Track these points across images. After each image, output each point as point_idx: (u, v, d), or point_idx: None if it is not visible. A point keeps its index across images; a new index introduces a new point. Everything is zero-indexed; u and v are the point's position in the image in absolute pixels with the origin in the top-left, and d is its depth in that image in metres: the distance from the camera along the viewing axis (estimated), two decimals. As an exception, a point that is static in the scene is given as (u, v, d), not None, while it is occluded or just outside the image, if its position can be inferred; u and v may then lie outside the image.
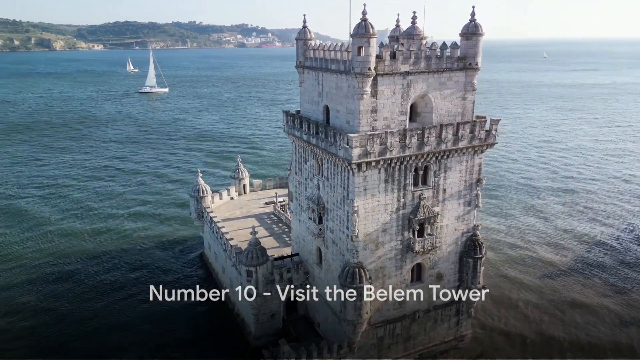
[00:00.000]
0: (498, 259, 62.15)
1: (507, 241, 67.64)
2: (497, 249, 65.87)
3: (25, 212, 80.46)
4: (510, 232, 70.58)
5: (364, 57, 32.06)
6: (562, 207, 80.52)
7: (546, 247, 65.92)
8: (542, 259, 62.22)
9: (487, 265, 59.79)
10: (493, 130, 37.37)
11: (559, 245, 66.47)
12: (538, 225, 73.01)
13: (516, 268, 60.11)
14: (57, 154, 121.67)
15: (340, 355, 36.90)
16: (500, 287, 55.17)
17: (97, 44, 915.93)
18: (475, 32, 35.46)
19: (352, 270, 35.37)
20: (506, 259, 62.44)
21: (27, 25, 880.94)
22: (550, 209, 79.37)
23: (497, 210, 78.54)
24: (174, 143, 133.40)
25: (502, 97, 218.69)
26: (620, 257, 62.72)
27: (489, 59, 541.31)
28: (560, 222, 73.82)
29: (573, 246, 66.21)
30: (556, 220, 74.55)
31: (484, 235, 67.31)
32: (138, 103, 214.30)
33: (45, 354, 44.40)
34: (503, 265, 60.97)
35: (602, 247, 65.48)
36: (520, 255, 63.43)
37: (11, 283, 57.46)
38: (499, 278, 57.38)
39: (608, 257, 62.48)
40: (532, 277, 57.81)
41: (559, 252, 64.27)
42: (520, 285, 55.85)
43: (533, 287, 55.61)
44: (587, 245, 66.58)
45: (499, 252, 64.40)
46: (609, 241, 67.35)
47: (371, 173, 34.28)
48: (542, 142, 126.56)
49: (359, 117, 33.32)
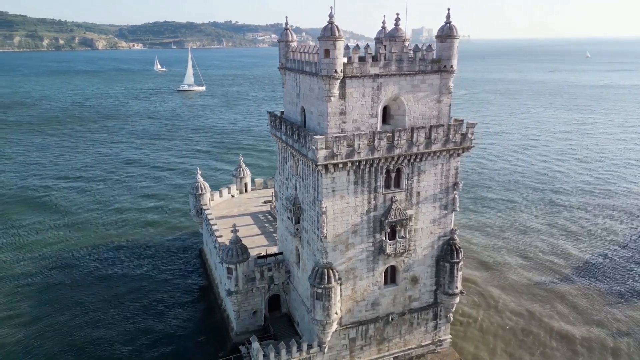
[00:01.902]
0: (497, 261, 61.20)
1: (516, 245, 66.37)
2: (497, 250, 64.83)
3: (44, 202, 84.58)
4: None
5: (331, 60, 32.28)
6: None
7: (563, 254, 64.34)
8: (539, 264, 60.82)
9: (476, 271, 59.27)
10: (469, 133, 36.88)
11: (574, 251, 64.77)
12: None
13: (503, 274, 59.17)
14: (85, 146, 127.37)
15: (309, 354, 37.26)
16: (485, 293, 54.51)
17: (136, 43, 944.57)
18: (450, 34, 35.13)
19: (321, 271, 35.68)
20: (504, 262, 61.40)
21: (72, 25, 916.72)
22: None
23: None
24: (199, 139, 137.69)
25: (533, 97, 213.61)
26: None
27: (521, 58, 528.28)
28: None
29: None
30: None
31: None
32: (175, 100, 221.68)
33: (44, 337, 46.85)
34: (490, 269, 60.26)
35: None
36: (516, 260, 62.18)
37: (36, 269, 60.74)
38: (484, 283, 56.65)
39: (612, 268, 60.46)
40: (518, 284, 56.73)
41: (563, 257, 62.70)
42: (504, 291, 55.05)
43: (517, 293, 54.65)
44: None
45: (500, 252, 63.43)
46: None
47: (339, 175, 34.48)
48: (570, 149, 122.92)
49: (327, 119, 33.59)
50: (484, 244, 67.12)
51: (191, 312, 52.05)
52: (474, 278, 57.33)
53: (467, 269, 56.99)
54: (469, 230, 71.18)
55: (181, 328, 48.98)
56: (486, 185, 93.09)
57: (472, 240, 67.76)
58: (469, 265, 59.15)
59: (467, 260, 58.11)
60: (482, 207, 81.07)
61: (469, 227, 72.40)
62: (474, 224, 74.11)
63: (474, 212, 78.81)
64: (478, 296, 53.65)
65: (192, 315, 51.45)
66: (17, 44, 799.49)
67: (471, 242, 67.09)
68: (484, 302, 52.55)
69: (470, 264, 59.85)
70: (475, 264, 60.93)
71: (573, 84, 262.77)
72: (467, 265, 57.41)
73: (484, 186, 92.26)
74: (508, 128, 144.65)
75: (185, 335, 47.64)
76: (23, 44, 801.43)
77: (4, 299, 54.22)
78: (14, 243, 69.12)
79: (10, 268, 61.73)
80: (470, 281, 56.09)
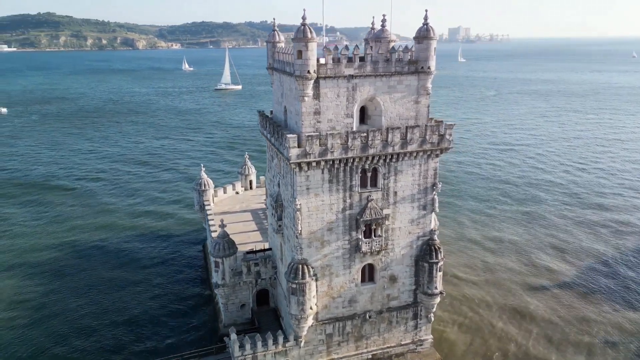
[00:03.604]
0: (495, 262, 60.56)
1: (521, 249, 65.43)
2: (496, 251, 64.12)
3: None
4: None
5: (303, 61, 33.11)
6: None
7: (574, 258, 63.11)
8: (526, 267, 59.79)
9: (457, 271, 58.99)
10: (447, 134, 36.95)
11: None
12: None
13: (488, 276, 58.82)
14: (115, 138, 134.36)
15: (285, 347, 38.23)
16: (467, 296, 54.53)
17: (175, 43, 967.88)
18: (427, 35, 35.31)
19: (295, 266, 36.55)
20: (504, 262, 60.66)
21: (114, 26, 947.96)
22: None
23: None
24: (223, 135, 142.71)
25: (568, 98, 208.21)
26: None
27: (559, 58, 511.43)
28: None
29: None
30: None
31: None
32: (208, 99, 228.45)
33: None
34: (477, 272, 59.99)
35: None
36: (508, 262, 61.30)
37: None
38: (467, 286, 56.53)
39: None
40: (503, 286, 56.45)
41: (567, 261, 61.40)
42: (488, 294, 54.88)
43: (501, 296, 54.48)
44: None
45: (499, 254, 62.69)
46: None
47: (314, 173, 35.26)
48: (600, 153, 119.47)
49: (302, 118, 34.45)
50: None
51: (188, 303, 54.12)
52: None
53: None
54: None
55: (175, 317, 51.11)
56: (498, 187, 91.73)
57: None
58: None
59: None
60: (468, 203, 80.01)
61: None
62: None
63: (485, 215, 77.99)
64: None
65: (187, 305, 53.58)
66: (63, 43, 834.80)
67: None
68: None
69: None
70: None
71: (613, 85, 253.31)
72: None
73: (494, 188, 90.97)
74: (534, 132, 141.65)
75: (177, 325, 49.70)
76: (68, 44, 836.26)
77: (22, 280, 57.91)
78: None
79: (31, 248, 66.71)
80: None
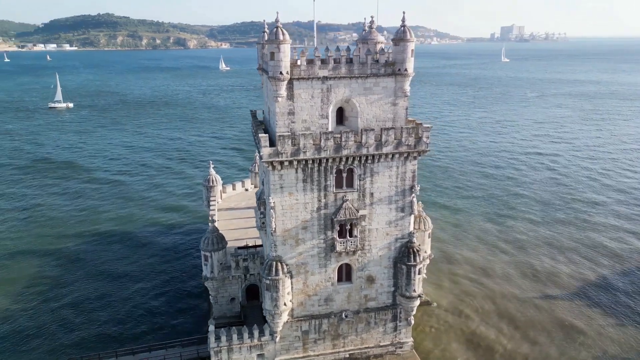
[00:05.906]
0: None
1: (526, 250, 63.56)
2: (496, 252, 62.55)
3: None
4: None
5: (276, 62, 33.94)
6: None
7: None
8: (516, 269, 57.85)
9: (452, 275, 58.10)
10: (424, 137, 36.72)
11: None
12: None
13: (476, 278, 58.10)
14: (150, 130, 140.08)
15: (261, 341, 39.19)
16: (454, 298, 54.01)
17: (224, 42, 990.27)
18: (404, 37, 35.29)
19: (270, 263, 37.47)
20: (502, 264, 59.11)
21: (168, 26, 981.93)
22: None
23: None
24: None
25: (591, 102, 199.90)
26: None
27: (623, 58, 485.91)
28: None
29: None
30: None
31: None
32: (245, 98, 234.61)
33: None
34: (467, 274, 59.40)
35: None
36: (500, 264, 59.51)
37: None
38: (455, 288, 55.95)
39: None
40: (491, 288, 55.73)
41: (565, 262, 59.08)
42: (475, 297, 54.17)
43: (489, 298, 53.83)
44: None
45: (500, 255, 61.17)
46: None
47: (287, 172, 36.01)
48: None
49: (276, 118, 35.29)
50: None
51: (187, 295, 56.16)
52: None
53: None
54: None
55: (171, 307, 53.23)
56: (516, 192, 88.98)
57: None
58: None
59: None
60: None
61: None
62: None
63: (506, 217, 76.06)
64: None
65: (185, 297, 55.64)
66: (120, 43, 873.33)
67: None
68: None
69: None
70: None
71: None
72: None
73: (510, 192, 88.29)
74: (577, 135, 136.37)
75: (171, 313, 52.09)
76: (125, 43, 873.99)
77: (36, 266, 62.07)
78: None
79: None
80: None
